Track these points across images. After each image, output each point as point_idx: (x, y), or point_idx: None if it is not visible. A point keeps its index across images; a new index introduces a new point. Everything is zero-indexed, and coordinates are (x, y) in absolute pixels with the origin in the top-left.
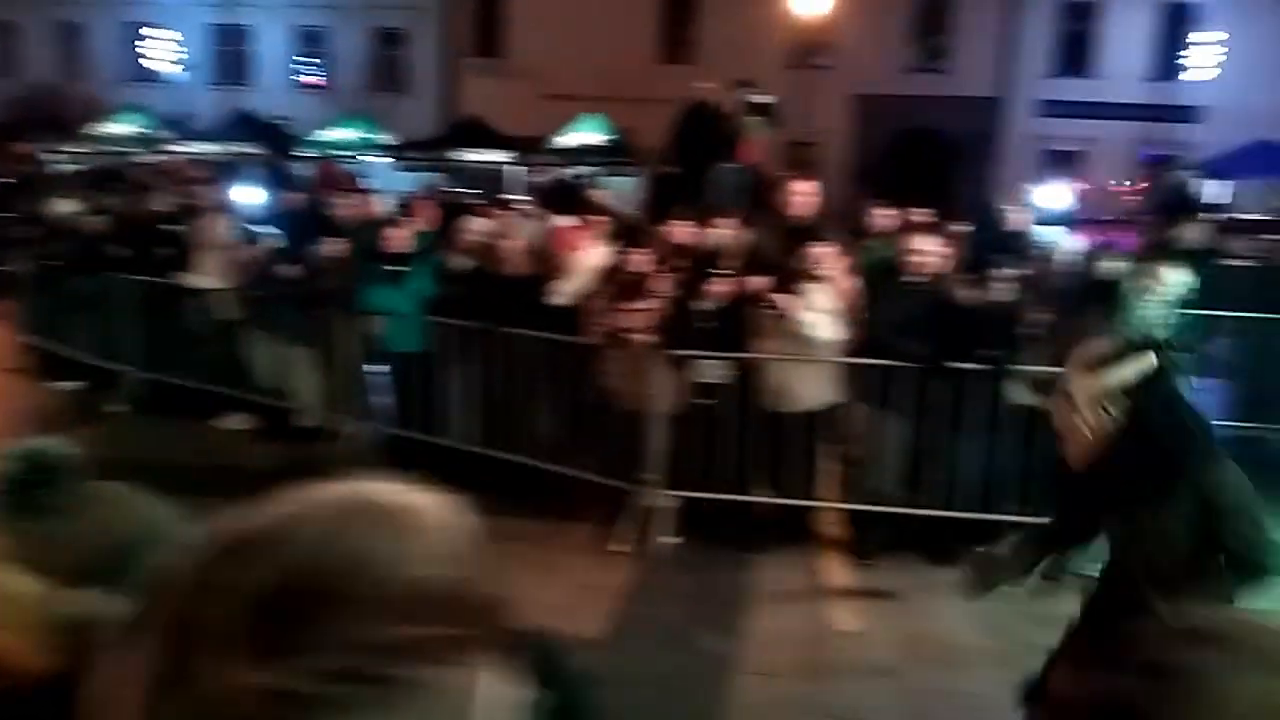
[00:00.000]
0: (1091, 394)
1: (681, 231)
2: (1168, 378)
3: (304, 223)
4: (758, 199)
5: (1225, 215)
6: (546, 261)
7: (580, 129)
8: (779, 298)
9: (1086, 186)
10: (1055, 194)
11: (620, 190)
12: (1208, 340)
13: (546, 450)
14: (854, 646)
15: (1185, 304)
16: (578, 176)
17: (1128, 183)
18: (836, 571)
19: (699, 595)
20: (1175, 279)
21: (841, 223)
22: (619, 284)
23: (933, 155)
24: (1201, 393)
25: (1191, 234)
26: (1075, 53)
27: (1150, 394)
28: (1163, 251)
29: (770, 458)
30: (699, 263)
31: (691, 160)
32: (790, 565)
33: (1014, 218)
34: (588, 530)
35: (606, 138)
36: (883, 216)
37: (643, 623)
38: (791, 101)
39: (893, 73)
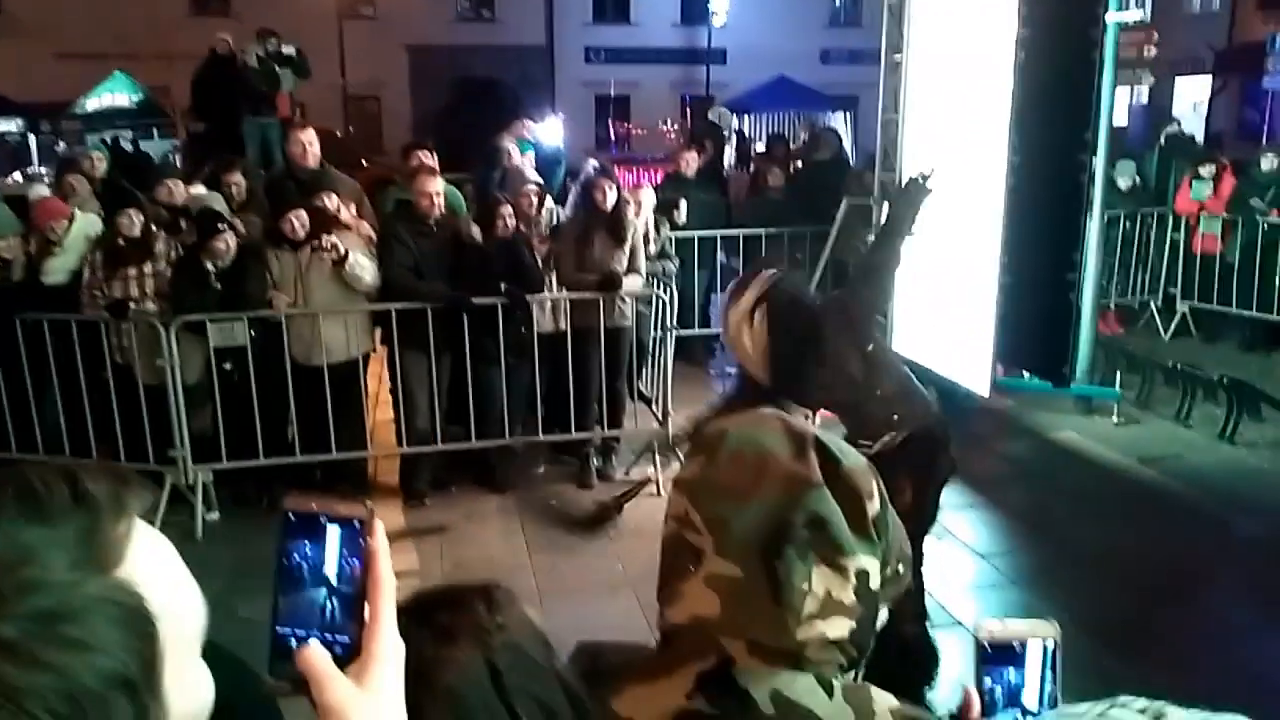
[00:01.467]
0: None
1: (175, 190)
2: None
3: None
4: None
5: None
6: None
7: (107, 90)
8: (334, 240)
9: (638, 129)
10: (549, 130)
11: (159, 151)
12: (725, 256)
13: (66, 441)
14: (401, 587)
15: (703, 226)
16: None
17: (672, 123)
18: (389, 516)
19: (240, 567)
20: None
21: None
22: (113, 252)
23: (491, 103)
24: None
25: (697, 164)
26: (615, 1)
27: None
28: (681, 182)
29: (308, 414)
30: (203, 221)
31: (219, 116)
32: None
33: (513, 156)
34: None
35: (135, 98)
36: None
37: None
38: (348, 54)
39: (443, 23)
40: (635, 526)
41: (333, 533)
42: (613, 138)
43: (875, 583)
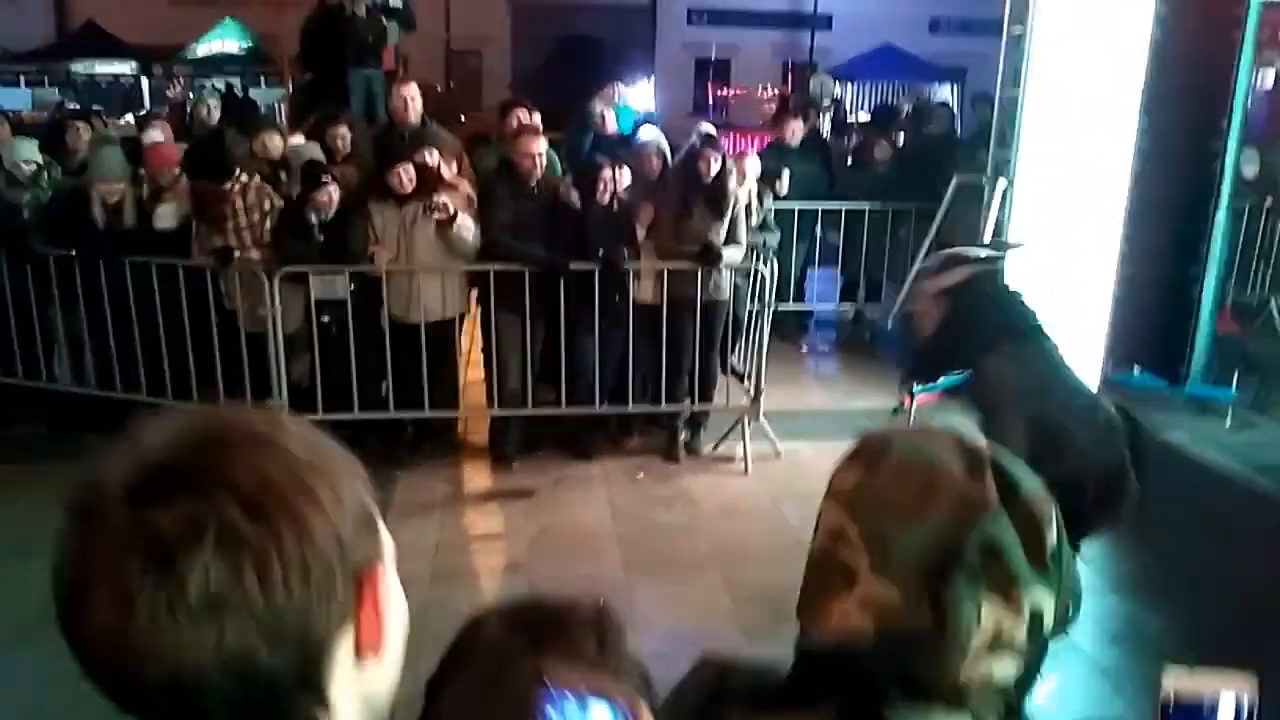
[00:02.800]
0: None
1: (270, 143)
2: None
3: None
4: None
5: (851, 114)
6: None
7: (217, 37)
8: (445, 199)
9: (738, 92)
10: (640, 95)
11: (266, 99)
12: (824, 230)
13: (172, 384)
14: (488, 549)
15: (804, 198)
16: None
17: (772, 88)
18: (477, 477)
19: None
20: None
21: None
22: (220, 200)
23: (591, 63)
24: (821, 280)
25: (802, 134)
26: None
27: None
28: (784, 151)
29: (403, 371)
30: (308, 172)
31: (326, 66)
32: (432, 476)
33: (609, 119)
34: None
35: (245, 45)
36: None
37: None
38: (452, 6)
39: None
40: (721, 504)
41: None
42: (710, 102)
43: (1049, 622)
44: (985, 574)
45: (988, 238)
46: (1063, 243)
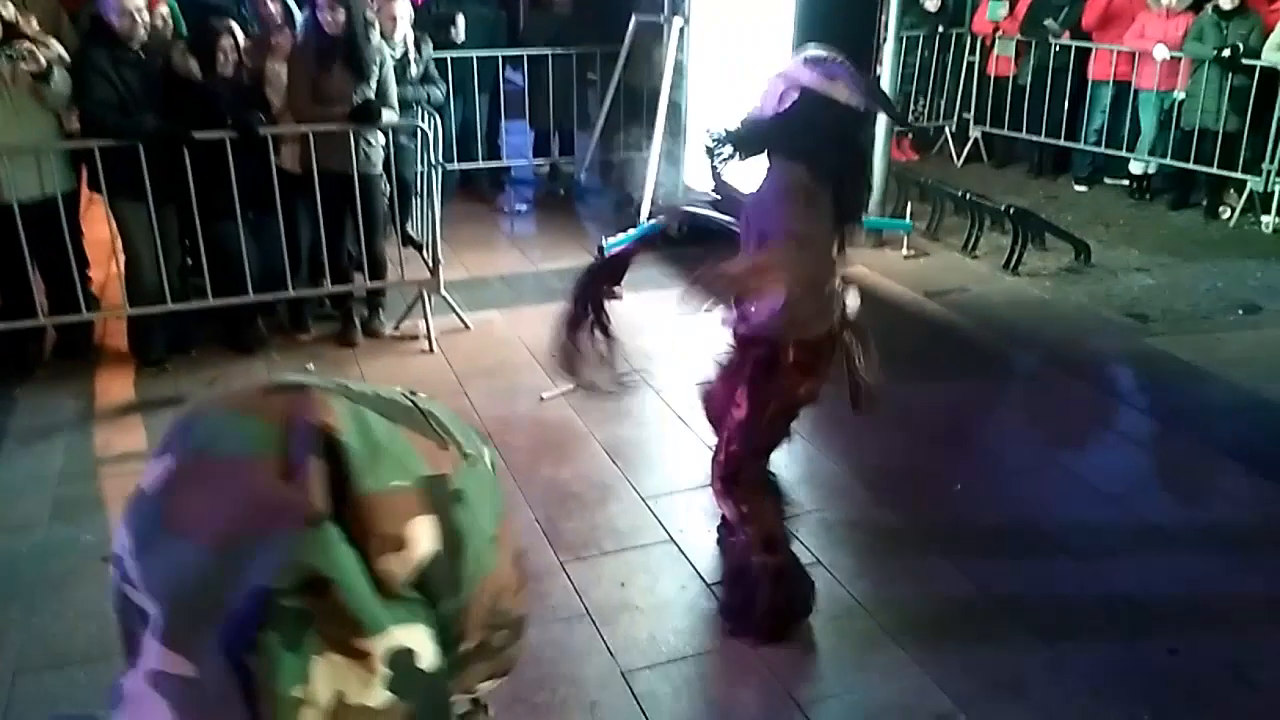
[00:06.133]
0: None
1: None
2: None
3: None
4: None
5: None
6: None
7: None
8: (30, 46)
9: None
10: None
11: None
12: (514, 77)
13: None
14: (123, 471)
15: (484, 45)
16: None
17: None
18: (115, 388)
19: None
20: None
21: None
22: None
23: None
24: (514, 134)
25: None
26: None
27: None
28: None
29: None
30: None
31: None
32: (60, 392)
33: None
34: None
35: None
36: None
37: None
38: None
39: None
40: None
41: None
42: None
43: (429, 661)
44: (311, 622)
45: (668, 77)
46: (738, 80)
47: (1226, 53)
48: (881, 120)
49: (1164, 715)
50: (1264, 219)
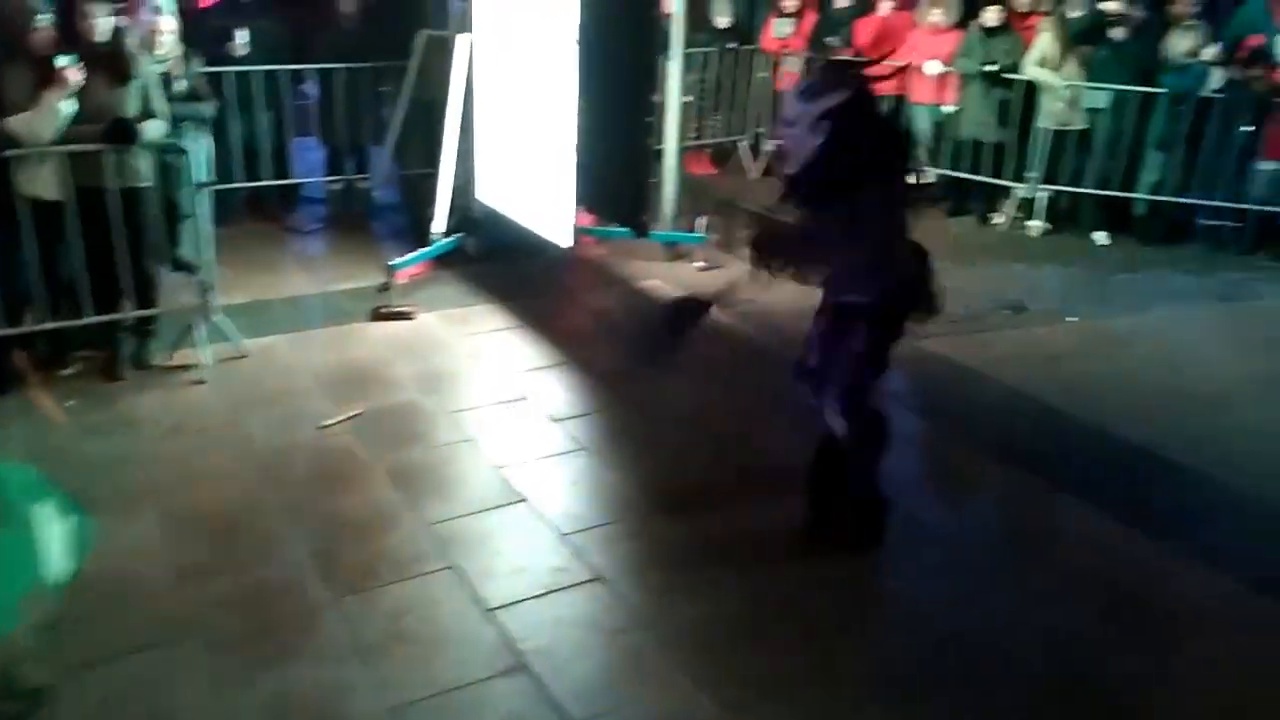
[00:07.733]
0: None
1: None
2: None
3: None
4: None
5: None
6: None
7: None
8: None
9: None
10: None
11: None
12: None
13: None
14: None
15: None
16: None
17: None
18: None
19: None
20: None
21: None
22: None
23: None
24: (303, 150)
25: None
26: None
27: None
28: (236, 8)
29: None
30: None
31: None
32: None
33: None
34: None
35: None
36: None
37: None
38: None
39: None
40: (170, 424)
41: None
42: None
43: None
44: None
45: (459, 92)
46: (529, 102)
47: (991, 68)
48: (670, 136)
49: (931, 706)
50: (1030, 224)
